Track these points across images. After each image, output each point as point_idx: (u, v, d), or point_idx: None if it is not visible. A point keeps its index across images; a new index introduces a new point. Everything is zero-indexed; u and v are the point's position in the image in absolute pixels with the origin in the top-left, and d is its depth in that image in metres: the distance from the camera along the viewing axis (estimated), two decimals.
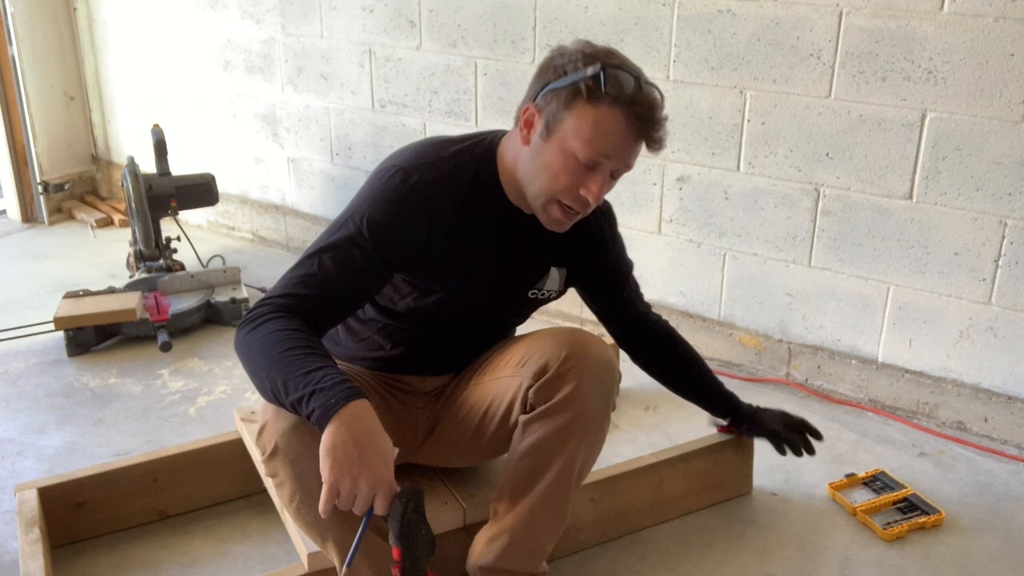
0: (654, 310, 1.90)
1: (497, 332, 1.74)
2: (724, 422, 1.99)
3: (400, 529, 1.28)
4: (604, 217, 1.71)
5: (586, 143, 1.40)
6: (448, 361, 1.72)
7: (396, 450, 1.31)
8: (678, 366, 1.91)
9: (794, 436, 1.93)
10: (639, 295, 1.86)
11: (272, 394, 1.35)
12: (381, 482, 1.26)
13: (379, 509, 1.28)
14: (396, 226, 1.46)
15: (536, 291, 1.66)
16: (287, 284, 1.44)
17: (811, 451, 1.94)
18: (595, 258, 1.71)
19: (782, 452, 1.93)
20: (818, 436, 1.95)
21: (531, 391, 1.52)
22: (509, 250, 1.59)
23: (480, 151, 1.55)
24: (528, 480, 1.53)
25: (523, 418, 1.53)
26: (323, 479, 1.26)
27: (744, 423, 1.96)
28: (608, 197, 1.61)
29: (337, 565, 1.49)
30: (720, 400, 1.95)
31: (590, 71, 1.39)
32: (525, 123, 1.47)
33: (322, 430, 1.27)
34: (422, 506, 1.31)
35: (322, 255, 1.45)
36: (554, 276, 1.67)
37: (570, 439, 1.51)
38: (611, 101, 1.39)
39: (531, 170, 1.48)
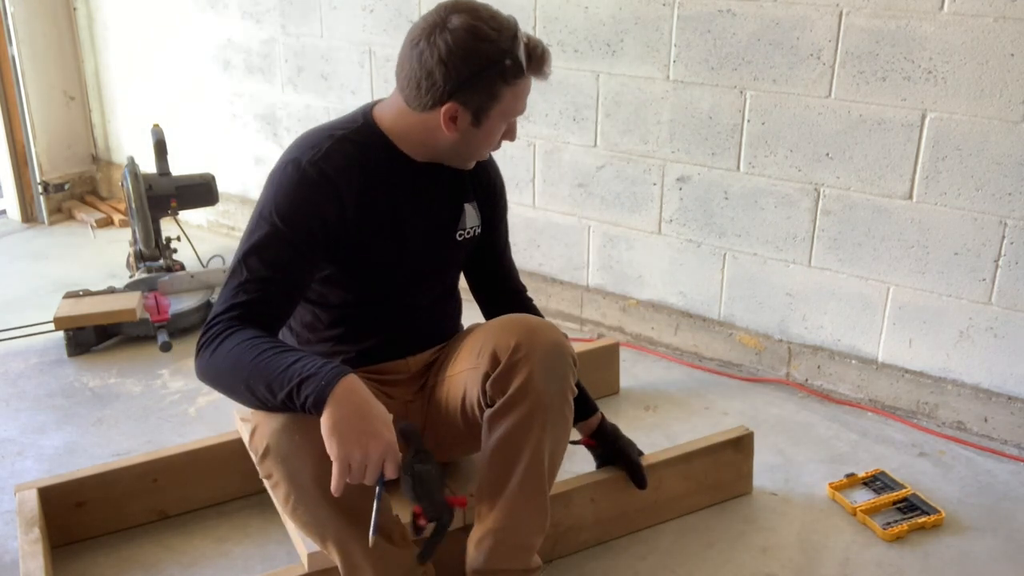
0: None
1: (447, 287, 1.79)
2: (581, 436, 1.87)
3: (413, 483, 1.37)
4: (492, 169, 1.80)
5: (514, 113, 1.56)
6: (419, 332, 1.75)
7: (391, 414, 1.35)
8: None
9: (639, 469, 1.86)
10: (515, 269, 1.91)
11: (259, 401, 1.37)
12: (390, 446, 1.30)
13: (390, 472, 1.31)
14: (306, 209, 1.51)
15: (462, 231, 1.72)
16: (227, 299, 1.46)
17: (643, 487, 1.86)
18: (487, 198, 1.78)
19: (640, 484, 1.85)
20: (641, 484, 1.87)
21: (487, 385, 1.53)
22: (424, 196, 1.65)
23: (359, 123, 1.60)
24: (500, 478, 1.54)
25: (486, 414, 1.55)
26: (332, 457, 1.28)
27: (605, 442, 1.87)
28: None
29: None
30: (581, 401, 1.80)
31: (508, 61, 1.47)
32: (448, 119, 1.51)
33: (320, 414, 1.29)
34: (422, 445, 1.38)
35: (248, 259, 1.47)
36: (470, 212, 1.73)
37: (532, 430, 1.51)
38: (527, 73, 1.52)
39: (466, 152, 1.60)
